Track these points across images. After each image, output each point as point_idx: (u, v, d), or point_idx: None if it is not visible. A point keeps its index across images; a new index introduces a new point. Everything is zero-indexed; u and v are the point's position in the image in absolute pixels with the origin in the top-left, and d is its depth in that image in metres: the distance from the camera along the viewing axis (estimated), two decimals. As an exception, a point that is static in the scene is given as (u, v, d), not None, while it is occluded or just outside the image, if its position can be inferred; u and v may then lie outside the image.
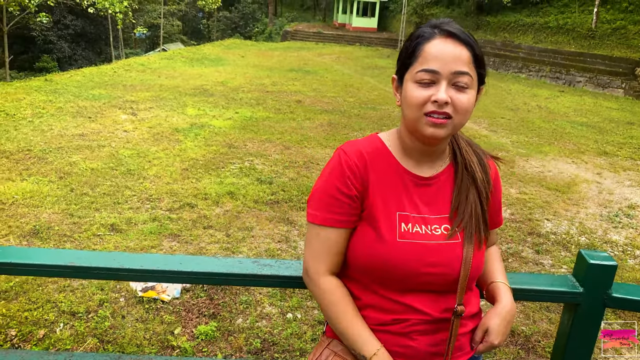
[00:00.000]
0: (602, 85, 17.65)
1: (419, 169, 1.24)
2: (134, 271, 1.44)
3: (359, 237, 1.21)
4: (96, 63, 23.94)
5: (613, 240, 5.15)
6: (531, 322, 3.58)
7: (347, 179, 1.19)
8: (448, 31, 1.12)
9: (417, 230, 1.19)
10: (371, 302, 1.23)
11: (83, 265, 1.43)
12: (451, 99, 1.10)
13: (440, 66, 1.10)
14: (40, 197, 5.15)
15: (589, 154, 8.51)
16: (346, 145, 1.24)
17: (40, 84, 11.45)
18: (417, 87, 1.12)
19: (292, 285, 1.49)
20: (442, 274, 1.18)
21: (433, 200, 1.23)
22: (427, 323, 1.21)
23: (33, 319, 3.24)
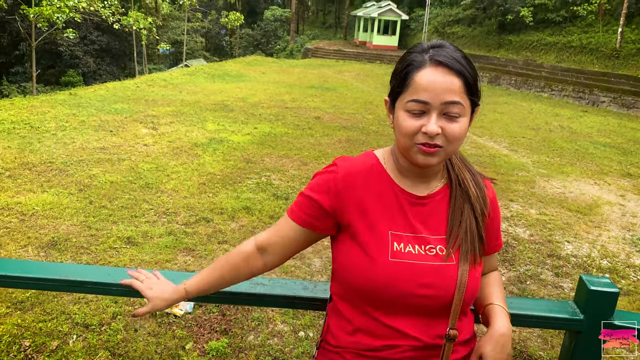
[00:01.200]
0: (627, 105, 17.38)
1: (414, 188, 1.22)
2: (128, 286, 1.42)
3: (347, 256, 1.19)
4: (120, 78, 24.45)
5: (636, 265, 5.01)
6: (549, 347, 3.48)
7: (324, 193, 1.20)
8: (438, 60, 1.09)
9: (409, 250, 1.16)
10: (362, 326, 1.20)
11: (77, 280, 1.42)
12: (442, 129, 1.09)
13: (430, 97, 1.08)
14: (59, 209, 5.23)
15: (612, 176, 8.35)
16: (340, 161, 1.24)
17: (65, 97, 11.71)
18: (408, 116, 1.11)
19: (286, 305, 1.47)
20: (435, 296, 1.15)
21: (428, 219, 1.20)
22: (418, 349, 1.18)
23: (47, 330, 3.26)
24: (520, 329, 3.67)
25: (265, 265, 1.30)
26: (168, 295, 1.33)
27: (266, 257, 1.29)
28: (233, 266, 1.31)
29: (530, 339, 3.57)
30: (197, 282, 1.33)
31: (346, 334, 1.23)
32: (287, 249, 1.27)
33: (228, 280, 1.33)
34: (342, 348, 1.24)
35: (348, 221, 1.19)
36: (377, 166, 1.23)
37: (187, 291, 1.33)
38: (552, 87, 20.40)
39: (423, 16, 33.84)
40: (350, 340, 1.22)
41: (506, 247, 5.14)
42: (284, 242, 1.26)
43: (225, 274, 1.31)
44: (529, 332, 3.65)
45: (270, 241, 1.28)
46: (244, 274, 1.31)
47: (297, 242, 1.26)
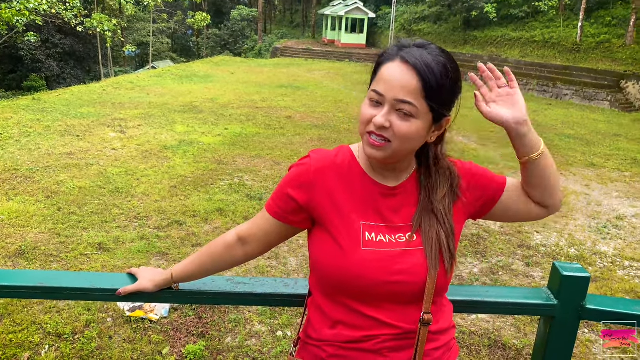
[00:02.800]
0: (589, 98, 17.89)
1: (385, 179, 1.24)
2: (106, 291, 1.41)
3: (321, 248, 1.22)
4: (85, 81, 23.92)
5: (602, 252, 5.17)
6: (522, 335, 3.57)
7: (297, 187, 1.23)
8: (405, 58, 1.10)
9: (381, 239, 1.19)
10: (341, 318, 1.22)
11: (52, 286, 1.40)
12: (391, 124, 1.11)
13: (385, 90, 1.11)
14: (26, 217, 5.09)
15: (577, 166, 8.58)
16: (314, 153, 1.26)
17: (28, 102, 11.39)
18: (368, 104, 1.15)
19: (268, 303, 1.49)
20: (407, 282, 1.17)
21: (398, 209, 1.23)
22: (398, 338, 1.20)
23: (18, 341, 3.17)
24: (494, 319, 3.75)
25: (246, 254, 1.34)
26: (156, 277, 1.41)
27: (247, 247, 1.33)
28: (215, 255, 1.35)
29: (504, 328, 3.65)
30: (183, 269, 1.39)
31: (326, 327, 1.24)
32: (266, 241, 1.31)
33: (211, 268, 1.38)
34: (323, 341, 1.25)
35: (321, 213, 1.22)
36: (350, 159, 1.26)
37: (173, 276, 1.40)
38: (518, 82, 20.75)
39: (390, 14, 34.12)
40: (331, 333, 1.23)
41: (477, 239, 5.23)
42: (262, 234, 1.30)
43: (207, 262, 1.36)
44: (503, 321, 3.73)
45: (250, 232, 1.32)
46: (225, 262, 1.36)
47: (275, 234, 1.30)
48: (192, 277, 1.40)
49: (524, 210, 1.33)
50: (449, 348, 1.32)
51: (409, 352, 1.20)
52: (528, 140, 1.23)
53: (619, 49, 19.44)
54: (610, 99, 17.22)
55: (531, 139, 1.23)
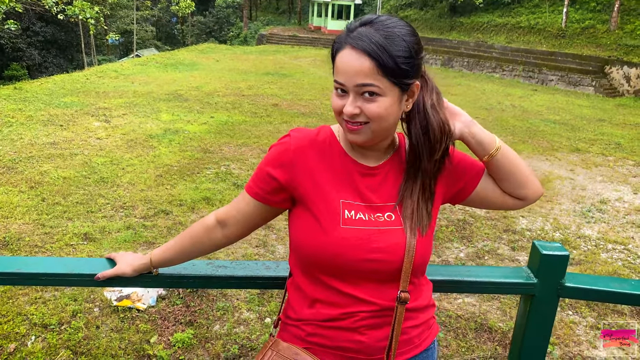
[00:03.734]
0: (573, 83, 18.02)
1: (365, 159, 1.25)
2: (85, 276, 1.40)
3: (301, 226, 1.22)
4: (68, 70, 23.55)
5: (586, 235, 5.24)
6: (508, 318, 3.62)
7: (278, 167, 1.22)
8: (352, 43, 1.10)
9: (360, 217, 1.19)
10: (319, 297, 1.22)
11: (30, 272, 1.39)
12: (361, 108, 1.11)
13: (345, 79, 1.11)
14: (10, 208, 5.03)
15: (562, 151, 8.67)
16: (295, 132, 1.26)
17: (9, 92, 11.19)
18: (335, 95, 1.15)
19: (249, 286, 1.49)
20: (385, 260, 1.18)
21: (378, 188, 1.23)
22: (376, 316, 1.21)
23: (3, 332, 3.15)
24: (480, 303, 3.80)
25: (226, 237, 1.33)
26: (134, 261, 1.40)
27: (226, 230, 1.32)
28: (195, 238, 1.34)
29: (490, 311, 3.70)
30: (162, 253, 1.38)
31: (305, 306, 1.25)
32: (245, 223, 1.30)
33: (190, 252, 1.37)
34: (301, 321, 1.25)
35: (301, 192, 1.22)
36: (330, 138, 1.26)
37: (152, 260, 1.39)
38: (503, 68, 20.91)
39: (376, 0, 33.95)
40: (310, 312, 1.24)
41: (463, 224, 5.27)
42: (242, 215, 1.29)
43: (187, 246, 1.35)
44: (489, 304, 3.78)
45: (229, 214, 1.31)
46: (205, 245, 1.35)
47: (255, 216, 1.29)
48: (171, 261, 1.39)
49: (499, 200, 1.35)
50: (428, 326, 1.33)
51: (387, 329, 1.21)
52: (483, 139, 1.26)
53: (603, 35, 19.59)
54: (595, 84, 17.37)
55: (484, 137, 1.26)
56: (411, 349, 1.27)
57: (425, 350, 1.31)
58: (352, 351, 1.21)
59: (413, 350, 1.28)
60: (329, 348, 1.23)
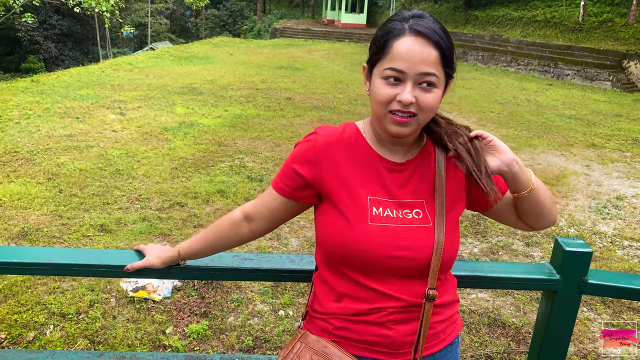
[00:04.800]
0: (590, 78, 17.77)
1: (392, 155, 1.25)
2: (114, 267, 1.43)
3: (328, 222, 1.23)
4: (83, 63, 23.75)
5: (602, 232, 5.19)
6: (522, 314, 3.61)
7: (304, 164, 1.23)
8: (417, 30, 1.11)
9: (388, 214, 1.19)
10: (347, 291, 1.23)
11: (62, 262, 1.42)
12: (416, 98, 1.11)
13: (407, 66, 1.10)
14: (28, 199, 5.11)
15: (577, 147, 8.58)
16: (320, 130, 1.26)
17: (27, 85, 11.34)
18: (384, 84, 1.13)
19: (274, 278, 1.51)
20: (413, 257, 1.18)
21: (406, 185, 1.24)
22: (403, 311, 1.21)
23: (23, 321, 3.21)
24: (494, 298, 3.79)
25: (252, 232, 1.35)
26: (163, 253, 1.44)
27: (252, 224, 1.34)
28: (221, 232, 1.37)
29: (504, 307, 3.69)
30: (189, 245, 1.41)
31: (332, 300, 1.26)
32: (272, 218, 1.32)
33: (217, 246, 1.39)
34: (329, 314, 1.26)
35: (328, 189, 1.22)
36: (356, 135, 1.26)
37: (180, 253, 1.42)
38: (519, 62, 20.67)
39: (390, -7, 33.72)
40: (337, 307, 1.25)
41: (477, 219, 5.25)
42: (268, 211, 1.31)
43: (213, 239, 1.38)
44: (503, 300, 3.77)
45: (256, 210, 1.33)
46: (231, 240, 1.37)
47: (281, 211, 1.31)
48: (198, 254, 1.42)
49: (512, 222, 1.36)
50: (453, 321, 1.33)
51: (414, 324, 1.22)
52: (520, 178, 1.23)
53: (622, 28, 19.26)
54: (612, 79, 17.12)
55: (523, 178, 1.23)
56: (437, 343, 1.28)
57: (449, 344, 1.32)
58: (379, 345, 1.22)
59: (439, 344, 1.29)
60: (356, 342, 1.23)
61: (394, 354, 1.23)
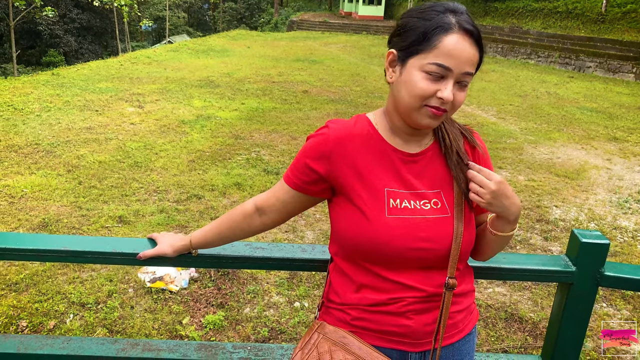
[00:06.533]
0: (613, 70, 17.42)
1: (406, 146, 1.24)
2: (127, 255, 1.44)
3: (345, 216, 1.22)
4: (103, 56, 24.01)
5: (623, 227, 5.11)
6: (539, 309, 3.57)
7: (317, 158, 1.22)
8: (467, 29, 1.10)
9: (405, 206, 1.19)
10: (365, 282, 1.23)
11: (77, 250, 1.44)
12: (454, 96, 1.12)
13: (454, 64, 1.09)
14: (49, 191, 5.19)
15: (598, 140, 8.43)
16: (332, 123, 1.25)
17: (48, 78, 11.50)
18: (425, 77, 1.11)
19: (286, 267, 1.51)
20: (432, 249, 1.18)
21: (421, 176, 1.23)
22: (423, 301, 1.21)
23: (43, 310, 3.28)
24: (511, 292, 3.75)
25: (263, 224, 1.36)
26: (175, 242, 1.45)
27: (264, 217, 1.34)
28: (233, 223, 1.38)
29: (521, 301, 3.66)
30: (201, 235, 1.42)
31: (350, 291, 1.25)
32: (284, 210, 1.32)
33: (228, 236, 1.40)
34: (347, 305, 1.26)
35: (343, 183, 1.22)
36: (368, 127, 1.25)
37: (192, 242, 1.43)
38: (539, 54, 20.36)
39: (408, -15, 33.41)
40: (355, 297, 1.24)
41: (496, 213, 5.20)
42: (280, 203, 1.31)
43: (225, 230, 1.39)
44: (520, 294, 3.74)
45: (268, 202, 1.33)
46: (243, 231, 1.38)
47: (293, 204, 1.31)
48: (210, 244, 1.43)
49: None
50: (470, 311, 1.33)
51: (433, 314, 1.22)
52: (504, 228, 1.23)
53: (646, 19, 18.82)
54: (636, 71, 16.76)
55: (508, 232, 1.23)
56: (456, 333, 1.28)
57: (468, 334, 1.32)
58: (398, 335, 1.22)
59: (458, 334, 1.29)
60: (374, 332, 1.23)
61: (414, 344, 1.23)
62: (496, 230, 1.23)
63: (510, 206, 1.17)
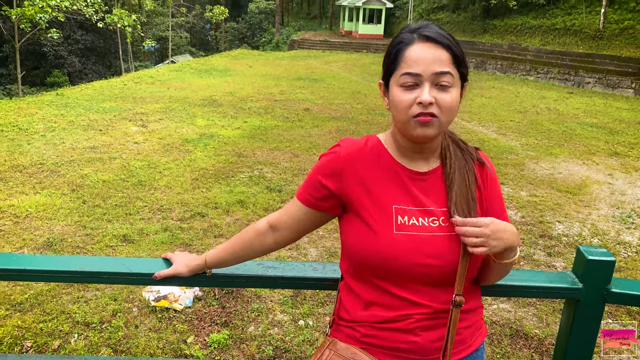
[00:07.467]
0: (612, 85, 17.51)
1: (414, 165, 1.27)
2: (143, 275, 1.46)
3: (354, 232, 1.25)
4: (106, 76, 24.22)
5: (626, 242, 5.10)
6: (544, 325, 3.56)
7: (329, 175, 1.27)
8: (426, 35, 1.16)
9: (413, 223, 1.21)
10: (374, 299, 1.25)
11: (93, 270, 1.47)
12: (435, 99, 1.14)
13: (421, 69, 1.14)
14: (53, 210, 5.22)
15: (599, 155, 8.45)
16: (344, 142, 1.30)
17: (52, 98, 11.61)
18: (402, 90, 1.17)
19: (297, 286, 1.53)
20: (439, 265, 1.20)
21: (430, 193, 1.25)
22: (430, 317, 1.22)
23: (48, 330, 3.28)
24: (515, 308, 3.75)
25: (276, 242, 1.38)
26: (190, 262, 1.47)
27: (277, 234, 1.37)
28: (247, 241, 1.40)
29: (526, 317, 3.65)
30: (215, 254, 1.45)
31: (359, 308, 1.28)
32: (296, 228, 1.35)
33: (242, 255, 1.43)
34: (356, 322, 1.28)
35: (352, 199, 1.25)
36: (378, 146, 1.29)
37: (207, 261, 1.45)
38: (538, 70, 20.49)
39: (407, 4, 33.78)
40: (364, 314, 1.27)
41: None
42: (293, 221, 1.34)
43: (239, 249, 1.41)
44: (525, 311, 3.73)
45: (280, 220, 1.36)
46: (256, 249, 1.40)
47: (305, 221, 1.34)
48: (224, 263, 1.45)
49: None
50: (478, 327, 1.34)
51: (441, 331, 1.23)
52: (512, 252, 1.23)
53: (644, 35, 18.97)
54: (635, 87, 16.84)
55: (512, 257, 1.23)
56: (464, 349, 1.29)
57: (475, 350, 1.33)
58: (407, 352, 1.23)
59: (465, 350, 1.30)
60: (384, 349, 1.25)
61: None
62: (500, 259, 1.24)
63: (510, 236, 1.18)
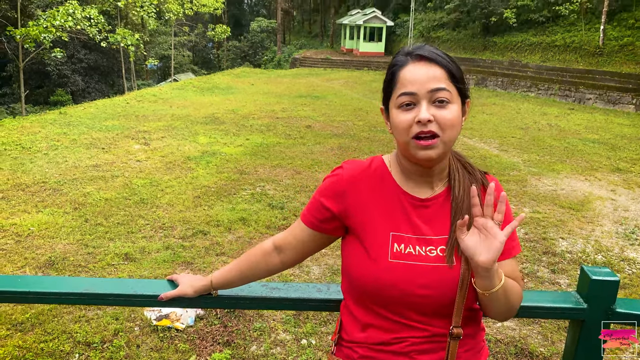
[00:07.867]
0: (613, 101, 17.57)
1: (418, 190, 1.24)
2: (149, 297, 1.46)
3: (352, 255, 1.25)
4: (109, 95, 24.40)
5: (630, 258, 5.07)
6: (549, 343, 3.52)
7: (331, 197, 1.27)
8: (419, 55, 1.16)
9: (409, 251, 1.19)
10: (370, 321, 1.24)
11: (98, 292, 1.46)
12: (434, 116, 1.12)
13: (416, 87, 1.14)
14: (55, 228, 5.22)
15: (602, 171, 8.44)
16: (347, 164, 1.30)
17: (55, 117, 11.68)
18: (401, 111, 1.16)
19: (302, 307, 1.52)
20: (433, 296, 1.17)
21: (431, 221, 1.22)
22: (427, 341, 1.21)
23: (49, 350, 3.25)
24: (520, 327, 3.71)
25: (282, 263, 1.38)
26: (196, 283, 1.46)
27: (282, 255, 1.37)
28: (253, 262, 1.40)
29: (531, 335, 3.61)
30: (222, 275, 1.44)
31: (357, 330, 1.27)
32: (301, 249, 1.35)
33: (248, 276, 1.42)
34: (354, 343, 1.28)
35: (353, 222, 1.25)
36: (382, 169, 1.28)
37: (212, 282, 1.44)
38: (539, 87, 20.59)
39: (408, 22, 34.10)
40: (362, 336, 1.26)
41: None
42: (297, 242, 1.34)
43: (245, 269, 1.41)
44: (529, 329, 3.69)
45: (286, 241, 1.36)
46: (262, 270, 1.40)
47: (309, 242, 1.34)
48: (230, 284, 1.44)
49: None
50: (478, 350, 1.31)
51: (439, 354, 1.21)
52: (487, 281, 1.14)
53: (643, 52, 19.09)
54: (636, 102, 16.90)
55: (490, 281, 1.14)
56: None
57: None
58: None
59: None
60: None
61: None
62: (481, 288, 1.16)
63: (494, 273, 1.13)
